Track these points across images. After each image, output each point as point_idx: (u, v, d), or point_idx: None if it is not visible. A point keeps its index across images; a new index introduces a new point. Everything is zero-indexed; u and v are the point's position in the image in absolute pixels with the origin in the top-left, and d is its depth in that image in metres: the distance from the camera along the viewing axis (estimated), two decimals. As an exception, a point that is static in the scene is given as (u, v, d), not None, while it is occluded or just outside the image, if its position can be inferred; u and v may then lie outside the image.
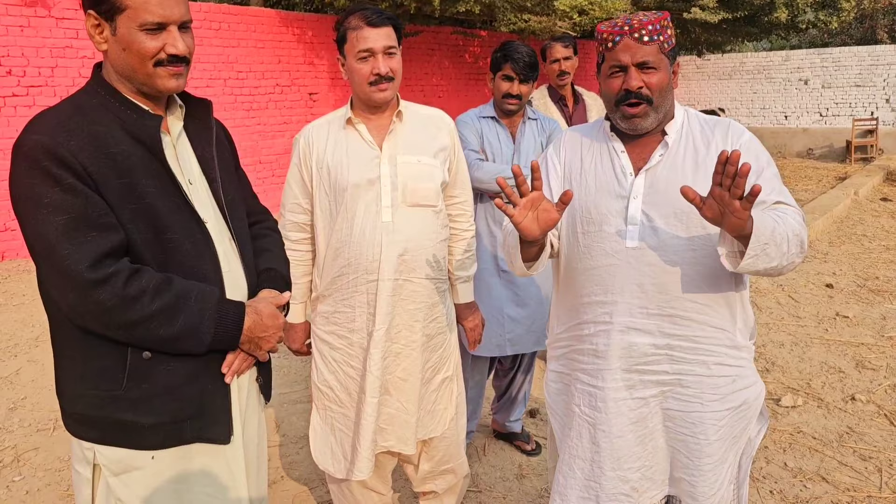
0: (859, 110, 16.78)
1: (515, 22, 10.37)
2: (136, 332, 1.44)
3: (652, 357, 1.78)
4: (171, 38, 1.48)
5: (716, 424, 1.78)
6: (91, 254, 1.38)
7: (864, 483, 3.07)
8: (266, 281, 1.73)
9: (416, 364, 2.26)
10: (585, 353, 1.86)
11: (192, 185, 1.59)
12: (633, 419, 1.81)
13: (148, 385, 1.49)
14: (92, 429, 1.51)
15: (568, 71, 3.92)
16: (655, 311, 1.75)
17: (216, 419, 1.59)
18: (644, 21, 1.71)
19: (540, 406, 3.82)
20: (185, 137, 1.63)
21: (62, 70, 7.71)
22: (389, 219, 2.16)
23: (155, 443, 1.52)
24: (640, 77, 1.71)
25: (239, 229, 1.68)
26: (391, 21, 2.14)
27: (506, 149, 3.04)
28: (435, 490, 2.52)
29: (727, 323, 1.78)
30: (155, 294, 1.43)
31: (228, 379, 1.60)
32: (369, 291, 2.19)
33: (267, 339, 1.63)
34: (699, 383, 1.77)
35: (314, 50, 10.47)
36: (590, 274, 1.82)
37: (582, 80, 14.98)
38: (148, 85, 1.50)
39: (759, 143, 1.81)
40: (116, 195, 1.43)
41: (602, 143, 1.88)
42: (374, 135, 2.21)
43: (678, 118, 1.82)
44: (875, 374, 4.23)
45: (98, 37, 1.48)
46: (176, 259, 1.51)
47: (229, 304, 1.55)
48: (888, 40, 21.55)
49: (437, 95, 12.58)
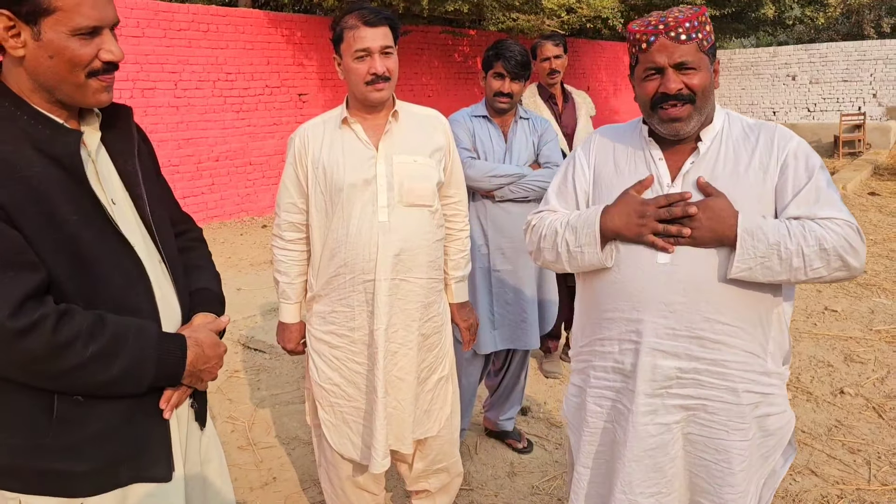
0: (847, 105, 16.91)
1: (504, 21, 10.40)
2: (69, 380, 1.29)
3: (676, 381, 1.67)
4: (105, 43, 1.31)
5: (741, 454, 1.67)
6: (10, 298, 1.19)
7: (852, 476, 3.10)
8: (200, 304, 1.59)
9: (413, 363, 2.27)
10: (611, 370, 1.76)
11: (115, 204, 1.41)
12: (653, 445, 1.70)
13: (78, 430, 1.33)
14: (15, 479, 1.34)
15: (558, 69, 3.93)
16: (683, 333, 1.64)
17: (156, 458, 1.45)
18: (680, 18, 1.58)
19: (532, 404, 3.84)
20: (104, 150, 1.44)
21: None
22: (386, 218, 2.17)
23: (88, 489, 1.37)
24: (679, 78, 1.59)
25: (169, 249, 1.52)
26: (388, 21, 2.14)
27: (497, 148, 3.05)
28: (428, 489, 2.53)
29: (759, 348, 1.66)
30: (89, 338, 1.28)
31: (167, 414, 1.47)
32: (367, 291, 2.19)
33: (209, 370, 1.51)
34: (726, 410, 1.66)
35: (303, 51, 10.46)
36: (615, 287, 1.71)
37: (571, 79, 15.02)
38: (74, 98, 1.33)
39: (809, 147, 1.67)
40: (34, 227, 1.24)
41: (638, 147, 1.75)
42: (369, 134, 2.22)
43: (717, 123, 1.70)
44: (863, 368, 4.26)
45: (12, 41, 1.25)
46: (105, 292, 1.34)
47: (170, 341, 1.42)
48: (875, 35, 21.69)
49: (427, 95, 12.58)
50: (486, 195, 3.00)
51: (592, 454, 1.82)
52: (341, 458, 2.37)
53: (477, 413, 3.61)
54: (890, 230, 7.94)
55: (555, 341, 4.29)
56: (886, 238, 7.57)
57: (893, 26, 22.40)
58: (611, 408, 1.77)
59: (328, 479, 2.47)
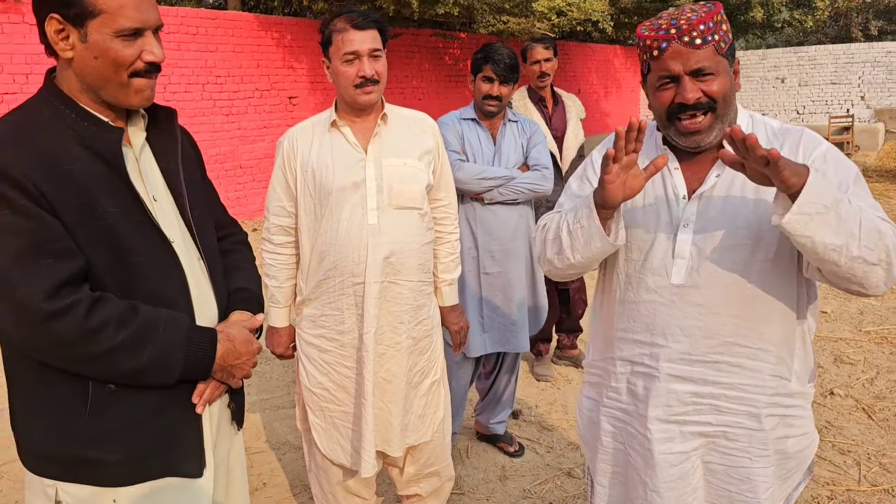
0: (835, 108, 17.02)
1: (494, 24, 10.41)
2: (99, 365, 1.33)
3: (692, 407, 1.58)
4: (148, 45, 1.37)
5: (766, 482, 1.58)
6: (47, 283, 1.25)
7: (843, 477, 3.10)
8: (238, 302, 1.62)
9: (400, 366, 2.26)
10: (624, 391, 1.68)
11: (156, 201, 1.46)
12: (675, 476, 1.60)
13: (112, 419, 1.38)
14: (52, 465, 1.39)
15: (548, 72, 3.94)
16: (700, 358, 1.55)
17: (187, 452, 1.48)
18: (694, 20, 1.44)
19: (523, 407, 3.83)
20: (148, 150, 1.50)
21: (37, 77, 7.62)
22: (375, 221, 2.16)
23: (121, 480, 1.41)
24: (697, 86, 1.46)
25: (208, 247, 1.56)
26: (377, 24, 2.14)
27: (486, 150, 3.05)
28: (419, 493, 2.52)
29: (783, 368, 1.56)
30: (119, 325, 1.32)
31: (200, 409, 1.49)
32: (356, 294, 2.18)
33: (241, 366, 1.53)
34: (748, 436, 1.57)
35: (293, 54, 10.44)
36: (628, 307, 1.63)
37: (561, 82, 15.06)
38: (118, 97, 1.39)
39: (840, 153, 1.54)
40: (74, 217, 1.30)
41: (653, 155, 1.61)
42: (358, 137, 2.21)
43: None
44: (853, 369, 4.28)
45: (62, 43, 1.33)
46: (141, 284, 1.39)
47: (200, 333, 1.45)
48: (862, 38, 21.86)
49: (418, 98, 12.58)
50: (475, 198, 2.99)
51: (608, 473, 1.76)
52: (331, 463, 2.36)
53: (468, 417, 3.60)
54: (878, 231, 7.99)
55: (546, 344, 4.29)
56: (875, 239, 7.61)
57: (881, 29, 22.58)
58: (623, 429, 1.70)
59: (318, 484, 2.46)
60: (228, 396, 1.60)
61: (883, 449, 3.32)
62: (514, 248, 3.06)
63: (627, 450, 1.69)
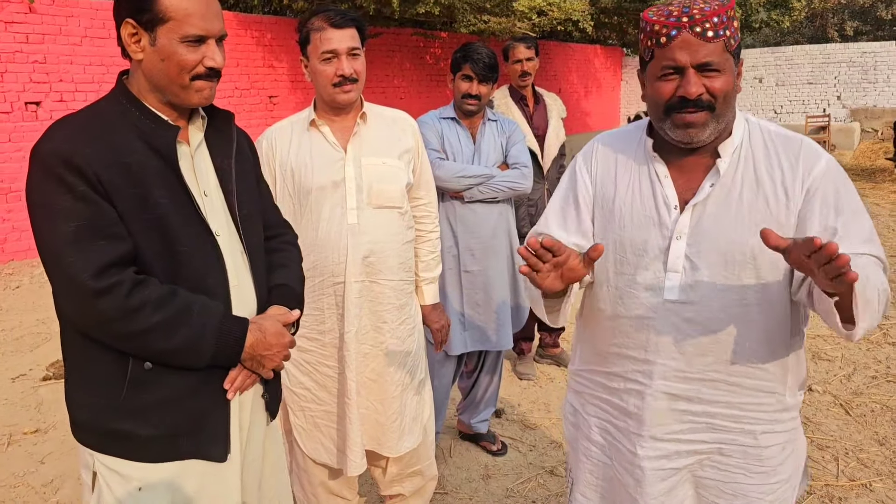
0: (812, 107, 17.22)
1: (475, 23, 10.42)
2: (136, 343, 1.43)
3: (688, 426, 1.53)
4: (210, 52, 1.48)
5: (760, 497, 1.54)
6: (96, 262, 1.37)
7: (821, 472, 3.14)
8: (277, 297, 1.69)
9: (386, 365, 2.25)
10: (615, 406, 1.63)
11: (207, 196, 1.57)
12: (663, 490, 1.57)
13: (147, 396, 1.48)
14: (92, 436, 1.51)
15: (530, 72, 3.95)
16: (695, 376, 1.49)
17: (214, 436, 1.55)
18: (707, 11, 1.36)
19: (506, 406, 3.83)
20: (204, 148, 1.61)
21: (12, 75, 7.51)
22: (355, 221, 2.15)
23: (151, 455, 1.50)
24: (700, 81, 1.38)
25: (252, 244, 1.65)
26: (355, 22, 2.13)
27: (466, 149, 3.05)
28: (402, 493, 2.51)
29: (778, 385, 1.51)
30: (157, 306, 1.42)
31: (230, 395, 1.56)
32: (336, 293, 2.17)
33: (270, 357, 1.59)
34: (743, 453, 1.53)
35: (273, 53, 10.37)
36: (620, 323, 1.56)
37: (542, 81, 15.09)
38: (180, 97, 1.50)
39: (841, 169, 1.47)
40: (128, 205, 1.42)
41: (641, 162, 1.55)
42: (338, 136, 2.20)
43: (737, 135, 1.48)
44: (831, 366, 4.33)
45: (134, 45, 1.46)
46: (184, 272, 1.49)
47: (232, 321, 1.53)
48: (839, 39, 22.15)
49: (399, 97, 12.56)
50: (455, 196, 2.99)
51: (592, 485, 1.72)
52: (314, 463, 2.34)
53: (451, 416, 3.59)
54: (855, 229, 8.09)
55: (528, 343, 4.29)
56: (851, 237, 7.71)
57: (857, 29, 22.89)
58: (611, 444, 1.65)
59: (300, 484, 2.44)
60: (263, 387, 1.67)
61: (861, 444, 3.36)
62: (494, 246, 3.06)
63: (614, 464, 1.65)
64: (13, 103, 7.48)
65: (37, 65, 7.69)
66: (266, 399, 1.69)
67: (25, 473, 3.23)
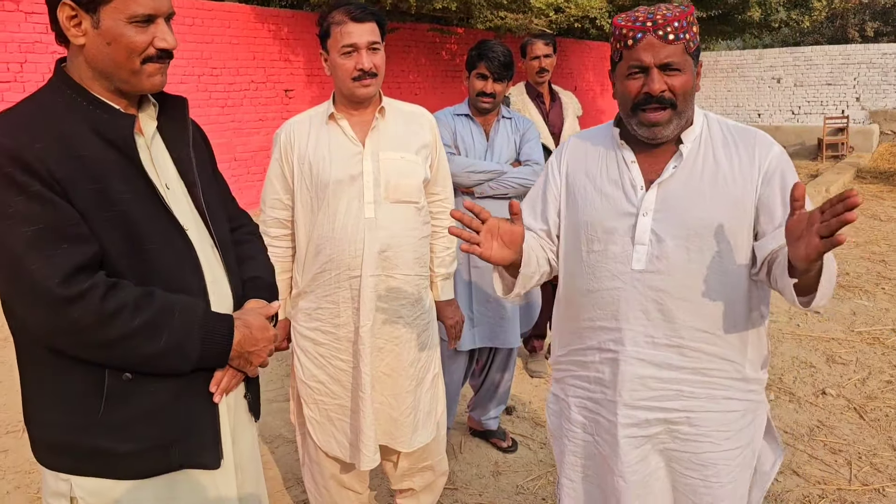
0: (830, 108, 17.05)
1: (492, 19, 10.39)
2: (116, 351, 1.32)
3: (658, 392, 1.64)
4: (160, 31, 1.37)
5: (728, 465, 1.65)
6: (63, 268, 1.25)
7: (834, 476, 3.12)
8: (252, 290, 1.61)
9: (401, 360, 2.26)
10: (592, 380, 1.73)
11: (169, 189, 1.45)
12: (637, 458, 1.67)
13: (128, 409, 1.37)
14: (66, 458, 1.38)
15: (547, 68, 3.94)
16: (663, 342, 1.62)
17: (204, 443, 1.46)
18: (669, 17, 1.53)
19: (517, 404, 3.84)
20: (159, 138, 1.50)
21: (31, 66, 7.58)
22: (372, 215, 2.16)
23: (137, 471, 1.40)
24: (663, 79, 1.54)
25: (221, 236, 1.56)
26: (375, 17, 2.14)
27: (479, 146, 3.05)
28: (413, 487, 2.52)
29: (737, 355, 1.64)
30: (135, 309, 1.31)
31: (217, 398, 1.48)
32: (352, 287, 2.18)
33: (258, 353, 1.52)
34: (709, 420, 1.64)
35: (290, 46, 10.39)
36: (593, 296, 1.68)
37: (558, 78, 15.04)
38: (130, 83, 1.38)
39: (789, 158, 1.64)
40: (88, 203, 1.30)
41: (611, 151, 1.71)
42: (356, 131, 2.21)
43: (697, 125, 1.65)
44: (845, 369, 4.30)
45: (74, 29, 1.33)
46: (156, 271, 1.38)
47: (216, 318, 1.44)
48: (859, 39, 21.92)
49: (414, 93, 12.55)
50: (465, 191, 2.99)
51: (577, 466, 1.80)
52: (326, 456, 2.36)
53: (461, 412, 3.60)
54: (872, 232, 8.02)
55: (540, 340, 4.29)
56: (868, 240, 7.64)
57: (877, 30, 22.65)
58: (592, 420, 1.75)
59: (312, 477, 2.45)
60: (244, 387, 1.59)
61: (874, 449, 3.34)
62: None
63: (596, 439, 1.74)
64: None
65: (56, 55, 7.75)
66: (248, 399, 1.61)
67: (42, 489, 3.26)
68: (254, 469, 1.68)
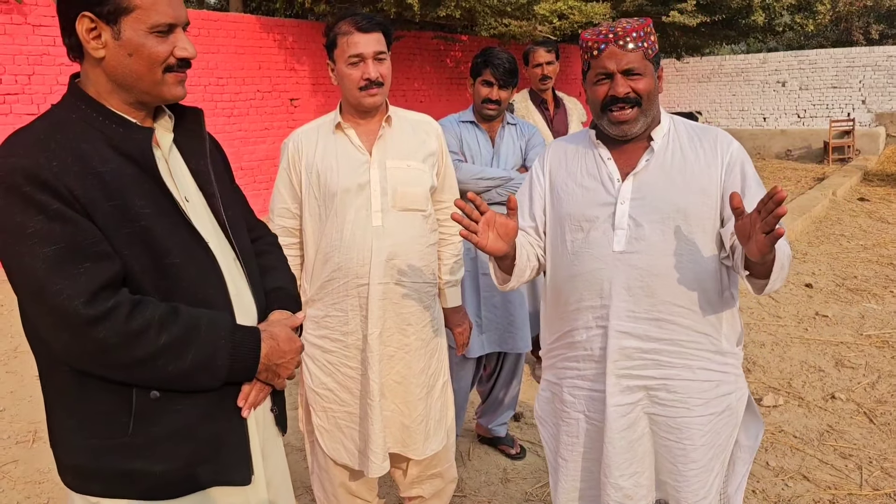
0: (836, 112, 17.00)
1: (496, 27, 10.41)
2: (143, 370, 1.29)
3: (639, 362, 1.79)
4: (180, 41, 1.36)
5: (701, 429, 1.80)
6: (86, 287, 1.23)
7: (844, 481, 3.10)
8: (276, 301, 1.59)
9: (411, 368, 2.27)
10: (582, 358, 1.86)
11: (188, 202, 1.43)
12: (624, 425, 1.81)
13: (157, 428, 1.34)
14: (95, 482, 1.35)
15: (550, 75, 3.95)
16: (643, 315, 1.77)
17: (234, 459, 1.43)
18: (628, 28, 1.73)
19: (525, 410, 3.83)
20: (176, 151, 1.48)
21: (39, 77, 7.63)
22: (380, 223, 2.17)
23: (168, 492, 1.37)
24: (627, 83, 1.73)
25: (243, 248, 1.53)
26: (381, 27, 2.16)
27: (485, 152, 3.06)
28: (422, 495, 2.52)
29: (712, 328, 1.80)
30: (161, 327, 1.29)
31: (246, 413, 1.45)
32: (360, 295, 2.19)
33: (285, 365, 1.49)
34: (685, 387, 1.79)
35: (295, 56, 10.44)
36: (578, 280, 1.83)
37: (562, 85, 15.06)
38: (152, 94, 1.37)
39: (747, 154, 1.83)
40: (108, 219, 1.28)
41: (588, 150, 1.88)
42: (363, 140, 2.22)
43: (664, 124, 1.84)
44: (854, 373, 4.28)
45: (93, 42, 1.30)
46: (179, 286, 1.36)
47: (243, 332, 1.41)
48: (864, 42, 21.87)
49: (419, 100, 12.58)
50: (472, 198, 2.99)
51: (569, 445, 1.92)
52: (334, 463, 2.36)
53: (469, 419, 3.60)
54: (879, 235, 7.99)
55: (547, 347, 4.28)
56: (876, 243, 7.61)
57: (882, 33, 22.59)
58: (586, 397, 1.87)
59: (321, 485, 2.46)
60: (271, 399, 1.56)
61: (885, 453, 3.32)
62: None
63: (588, 415, 1.87)
64: (40, 105, 7.59)
65: (63, 67, 7.81)
66: (275, 413, 1.59)
67: (50, 469, 3.27)
68: (285, 484, 1.66)
